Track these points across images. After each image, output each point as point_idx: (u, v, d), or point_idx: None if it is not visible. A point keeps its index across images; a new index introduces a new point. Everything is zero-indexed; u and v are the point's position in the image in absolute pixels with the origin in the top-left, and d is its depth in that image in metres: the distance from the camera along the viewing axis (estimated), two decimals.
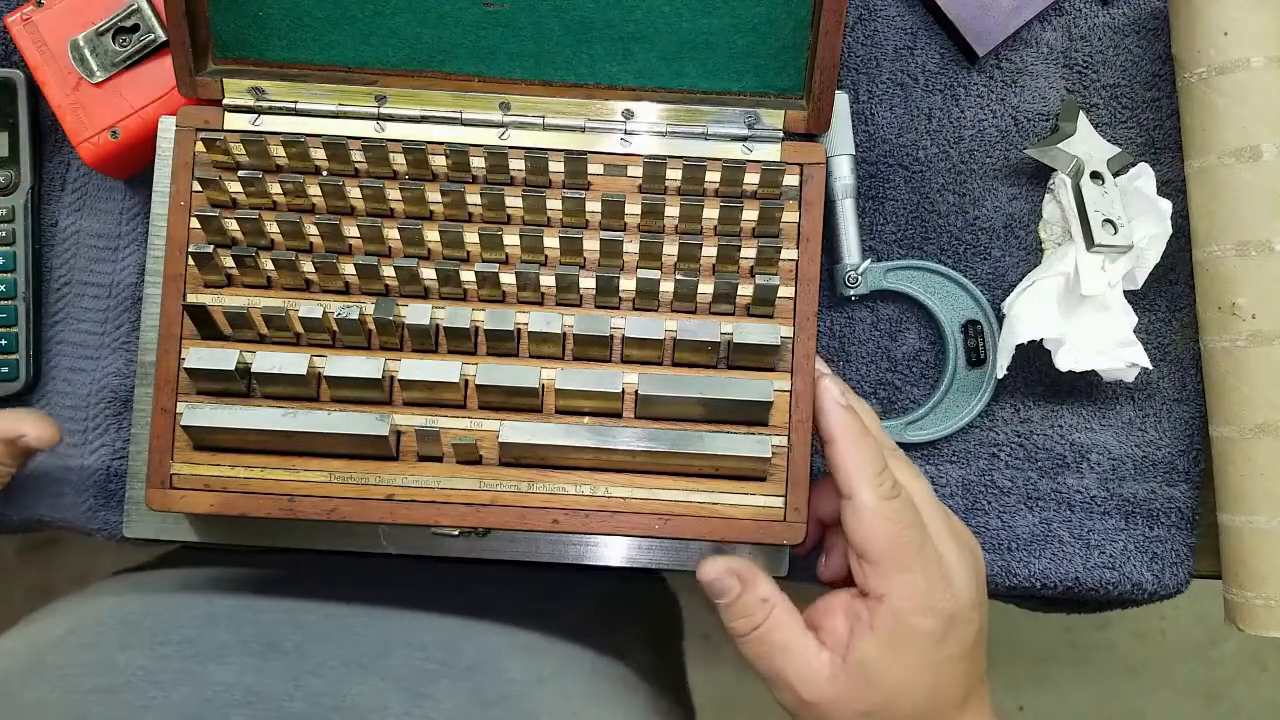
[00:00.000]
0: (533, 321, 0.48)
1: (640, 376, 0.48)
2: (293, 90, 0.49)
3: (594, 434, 0.47)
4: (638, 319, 0.48)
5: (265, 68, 0.50)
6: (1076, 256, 0.53)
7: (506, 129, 0.50)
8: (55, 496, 0.57)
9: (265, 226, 0.49)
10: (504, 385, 0.47)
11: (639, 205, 0.49)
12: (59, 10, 0.52)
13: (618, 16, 0.49)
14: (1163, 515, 0.57)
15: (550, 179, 0.50)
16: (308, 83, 0.49)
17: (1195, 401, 0.57)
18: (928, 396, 0.57)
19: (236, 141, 0.49)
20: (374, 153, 0.48)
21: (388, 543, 0.52)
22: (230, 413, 0.47)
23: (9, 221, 0.55)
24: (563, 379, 0.47)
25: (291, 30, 0.49)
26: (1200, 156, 0.54)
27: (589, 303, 0.49)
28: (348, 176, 0.50)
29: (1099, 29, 0.57)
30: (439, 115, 0.50)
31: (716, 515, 0.48)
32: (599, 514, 0.48)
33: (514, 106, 0.50)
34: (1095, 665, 1.41)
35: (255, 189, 0.49)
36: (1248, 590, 0.53)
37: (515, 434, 0.47)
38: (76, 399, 0.56)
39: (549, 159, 0.49)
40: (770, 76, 0.50)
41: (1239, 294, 0.52)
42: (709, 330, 0.48)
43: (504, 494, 0.48)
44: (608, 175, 0.50)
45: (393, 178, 0.50)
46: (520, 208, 0.49)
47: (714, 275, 0.49)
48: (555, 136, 0.50)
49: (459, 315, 0.48)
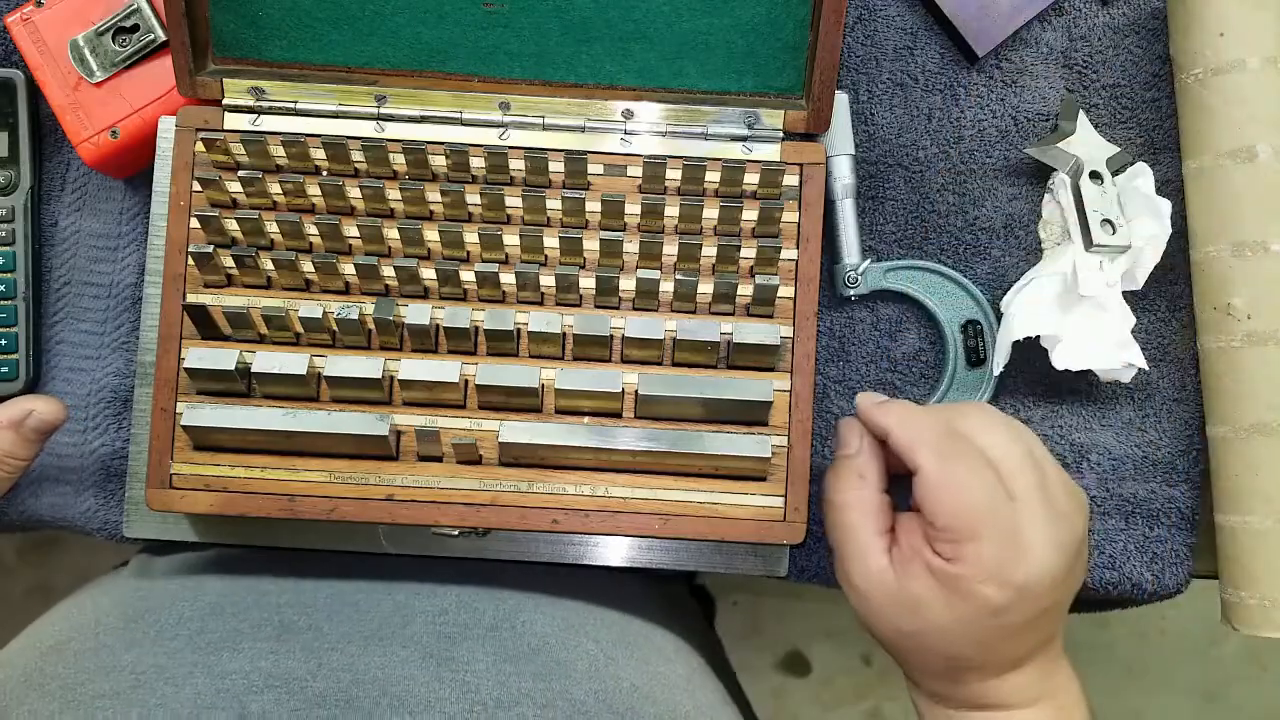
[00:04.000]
0: (533, 321, 0.48)
1: (640, 376, 0.48)
2: (293, 90, 0.49)
3: (594, 434, 0.47)
4: (638, 319, 0.48)
5: (265, 68, 0.50)
6: (1075, 256, 0.53)
7: (506, 129, 0.50)
8: (55, 497, 0.57)
9: (265, 226, 0.49)
10: (504, 385, 0.47)
11: (639, 205, 0.49)
12: (59, 10, 0.52)
13: (617, 16, 0.49)
14: (1162, 515, 0.57)
15: (550, 179, 0.50)
16: (308, 83, 0.50)
17: (1195, 402, 0.57)
18: (928, 396, 0.57)
19: (236, 141, 0.49)
20: (374, 153, 0.49)
21: (388, 542, 0.52)
22: (230, 413, 0.47)
23: (9, 221, 0.55)
24: (562, 379, 0.47)
25: (291, 30, 0.49)
26: (1197, 157, 0.54)
27: (589, 303, 0.50)
28: (348, 176, 0.50)
29: (1099, 29, 0.57)
30: (439, 115, 0.50)
31: (716, 515, 0.48)
32: (599, 514, 0.48)
33: (514, 106, 0.50)
34: (1095, 665, 1.41)
35: (255, 189, 0.49)
36: (1243, 590, 0.53)
37: (515, 434, 0.47)
38: (76, 399, 0.56)
39: (549, 159, 0.49)
40: (770, 76, 0.50)
41: (1235, 294, 0.52)
42: (709, 330, 0.48)
43: (504, 494, 0.48)
44: (608, 175, 0.50)
45: (393, 178, 0.50)
46: (520, 208, 0.49)
47: (714, 275, 0.49)
48: (555, 136, 0.50)
49: (459, 315, 0.48)
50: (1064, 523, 0.43)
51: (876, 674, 1.41)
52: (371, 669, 0.45)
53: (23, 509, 0.57)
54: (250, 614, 0.49)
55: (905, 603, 0.44)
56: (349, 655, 0.46)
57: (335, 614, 0.49)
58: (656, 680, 0.49)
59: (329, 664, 0.45)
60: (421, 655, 0.46)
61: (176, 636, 0.47)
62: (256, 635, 0.47)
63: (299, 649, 0.46)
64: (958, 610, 0.43)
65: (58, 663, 0.46)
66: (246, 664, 0.45)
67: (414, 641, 0.47)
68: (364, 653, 0.46)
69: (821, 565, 0.57)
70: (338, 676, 0.44)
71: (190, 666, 0.45)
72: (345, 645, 0.46)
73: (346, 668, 0.45)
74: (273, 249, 0.49)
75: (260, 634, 0.47)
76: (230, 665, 0.45)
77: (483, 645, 0.47)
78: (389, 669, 0.45)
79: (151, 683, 0.43)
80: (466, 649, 0.47)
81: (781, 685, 1.42)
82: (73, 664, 0.46)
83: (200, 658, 0.45)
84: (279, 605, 0.50)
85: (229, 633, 0.47)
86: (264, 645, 0.46)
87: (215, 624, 0.48)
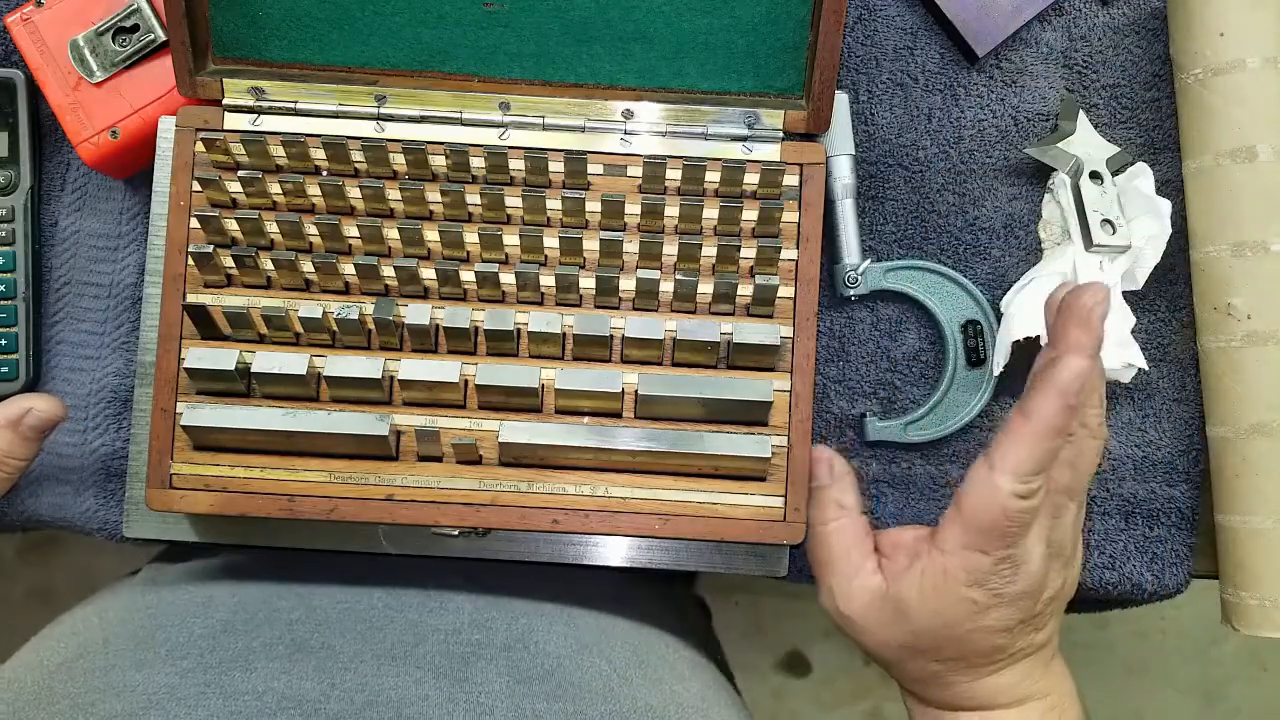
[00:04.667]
0: (533, 321, 0.48)
1: (640, 376, 0.48)
2: (293, 90, 0.49)
3: (594, 434, 0.47)
4: (637, 319, 0.48)
5: (265, 68, 0.50)
6: (1075, 256, 0.53)
7: (506, 129, 0.50)
8: (55, 496, 0.57)
9: (265, 226, 0.49)
10: (504, 385, 0.47)
11: (639, 205, 0.49)
12: (59, 10, 0.52)
13: (617, 16, 0.49)
14: (1162, 515, 0.57)
15: (550, 179, 0.50)
16: (308, 83, 0.50)
17: (1195, 402, 0.57)
18: (928, 396, 0.57)
19: (236, 141, 0.49)
20: (374, 153, 0.49)
21: (388, 543, 0.52)
22: (230, 412, 0.47)
23: (9, 221, 0.55)
24: (562, 379, 0.47)
25: (291, 30, 0.49)
26: (1197, 157, 0.54)
27: (589, 303, 0.49)
28: (347, 176, 0.50)
29: (1099, 29, 0.57)
30: (439, 115, 0.50)
31: (716, 515, 0.48)
32: (599, 514, 0.48)
33: (514, 106, 0.50)
34: (1094, 665, 1.41)
35: (255, 189, 0.49)
36: (1243, 590, 0.53)
37: (515, 434, 0.47)
38: (76, 399, 0.56)
39: (549, 159, 0.49)
40: (770, 76, 0.50)
41: (1234, 294, 0.52)
42: (709, 330, 0.48)
43: (504, 494, 0.48)
44: (608, 175, 0.50)
45: (393, 178, 0.50)
46: (520, 208, 0.49)
47: (714, 275, 0.49)
48: (555, 136, 0.50)
49: (459, 315, 0.48)
50: (1059, 562, 0.45)
51: (876, 674, 1.41)
52: (385, 690, 0.44)
53: (23, 509, 0.57)
54: (262, 631, 0.48)
55: (889, 612, 0.46)
56: (362, 675, 0.45)
57: (347, 630, 0.49)
58: (671, 700, 0.49)
59: (342, 685, 0.44)
60: (435, 675, 0.45)
61: (187, 655, 0.46)
62: (269, 654, 0.46)
63: (312, 669, 0.45)
64: (937, 604, 0.44)
65: (67, 681, 0.45)
66: (260, 684, 0.44)
67: (427, 661, 0.47)
68: (377, 673, 0.45)
69: None
70: (351, 698, 0.44)
71: (202, 687, 0.44)
72: (358, 665, 0.46)
73: (360, 688, 0.44)
74: (273, 249, 0.49)
75: (273, 653, 0.46)
76: (243, 685, 0.44)
77: (495, 665, 0.47)
78: (402, 689, 0.44)
79: (163, 704, 0.43)
80: (480, 669, 0.46)
81: (781, 685, 1.42)
82: (82, 683, 0.45)
83: (213, 678, 0.45)
84: (290, 622, 0.49)
85: (241, 651, 0.46)
86: (277, 665, 0.46)
87: (227, 642, 0.47)
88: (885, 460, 0.57)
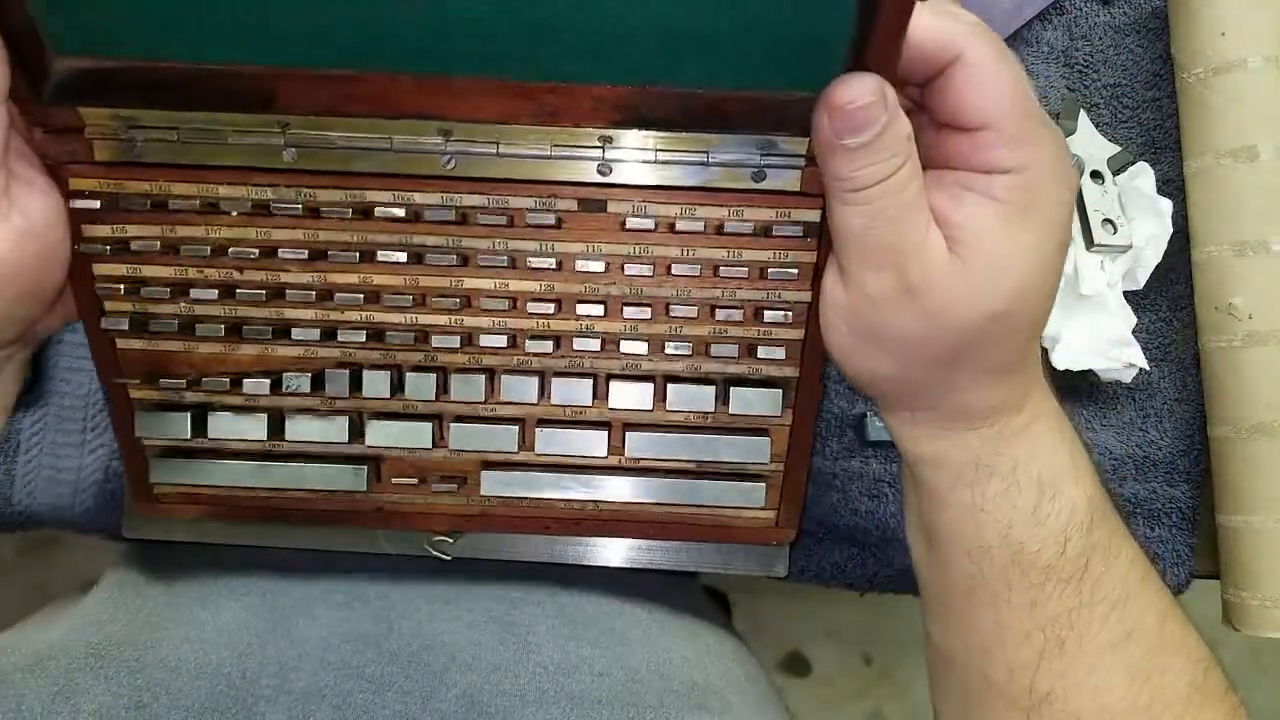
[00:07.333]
0: (506, 384, 0.43)
1: (629, 437, 0.44)
2: (167, 115, 0.38)
3: (581, 485, 0.45)
4: (621, 385, 0.44)
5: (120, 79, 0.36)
6: (1075, 256, 0.53)
7: (452, 158, 0.39)
8: (55, 497, 0.57)
9: (179, 304, 0.42)
10: (479, 450, 0.45)
11: (624, 246, 0.41)
12: None
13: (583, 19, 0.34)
14: (1163, 515, 0.57)
15: (512, 217, 0.41)
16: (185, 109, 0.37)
17: (1196, 402, 0.57)
18: None
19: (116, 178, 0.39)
20: (285, 190, 0.40)
21: (386, 543, 0.52)
22: (198, 470, 0.45)
23: None
24: (543, 442, 0.44)
25: (144, 27, 0.34)
26: (1198, 157, 0.54)
27: (569, 359, 0.44)
28: (260, 222, 0.41)
29: (1099, 29, 0.57)
30: (366, 142, 0.39)
31: (708, 523, 0.48)
32: (590, 522, 0.48)
33: (456, 133, 0.38)
34: None
35: (156, 252, 0.41)
36: (1244, 591, 0.53)
37: (496, 487, 0.45)
38: (76, 399, 0.56)
39: (513, 194, 0.40)
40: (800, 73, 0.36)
41: (1236, 294, 0.52)
42: (703, 400, 0.44)
43: (494, 509, 0.47)
44: (583, 212, 0.41)
45: (316, 216, 0.41)
46: (478, 249, 0.41)
47: (712, 319, 0.43)
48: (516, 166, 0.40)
49: (423, 385, 0.43)
50: None
51: (876, 674, 1.41)
52: (440, 634, 0.46)
53: (23, 509, 0.57)
54: (320, 580, 0.50)
55: (980, 269, 0.34)
56: (416, 621, 0.47)
57: (401, 582, 0.51)
58: (706, 651, 0.50)
59: (399, 629, 0.46)
60: (486, 619, 0.47)
61: (250, 592, 0.49)
62: (329, 602, 0.48)
63: (369, 616, 0.47)
64: (1032, 234, 0.35)
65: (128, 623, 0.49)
66: (323, 630, 0.46)
67: (479, 607, 0.48)
68: (431, 619, 0.47)
69: (821, 565, 0.57)
70: (408, 640, 0.46)
71: (270, 625, 0.47)
72: (413, 612, 0.48)
73: (415, 633, 0.46)
74: (194, 329, 0.42)
75: (332, 600, 0.48)
76: (308, 632, 0.46)
77: (543, 609, 0.49)
78: (456, 633, 0.46)
79: (234, 632, 0.46)
80: (528, 613, 0.48)
81: (781, 685, 1.42)
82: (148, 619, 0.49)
83: (279, 618, 0.47)
84: (346, 571, 0.51)
85: (300, 598, 0.49)
86: (337, 614, 0.48)
87: (288, 586, 0.49)
88: (885, 460, 0.57)
